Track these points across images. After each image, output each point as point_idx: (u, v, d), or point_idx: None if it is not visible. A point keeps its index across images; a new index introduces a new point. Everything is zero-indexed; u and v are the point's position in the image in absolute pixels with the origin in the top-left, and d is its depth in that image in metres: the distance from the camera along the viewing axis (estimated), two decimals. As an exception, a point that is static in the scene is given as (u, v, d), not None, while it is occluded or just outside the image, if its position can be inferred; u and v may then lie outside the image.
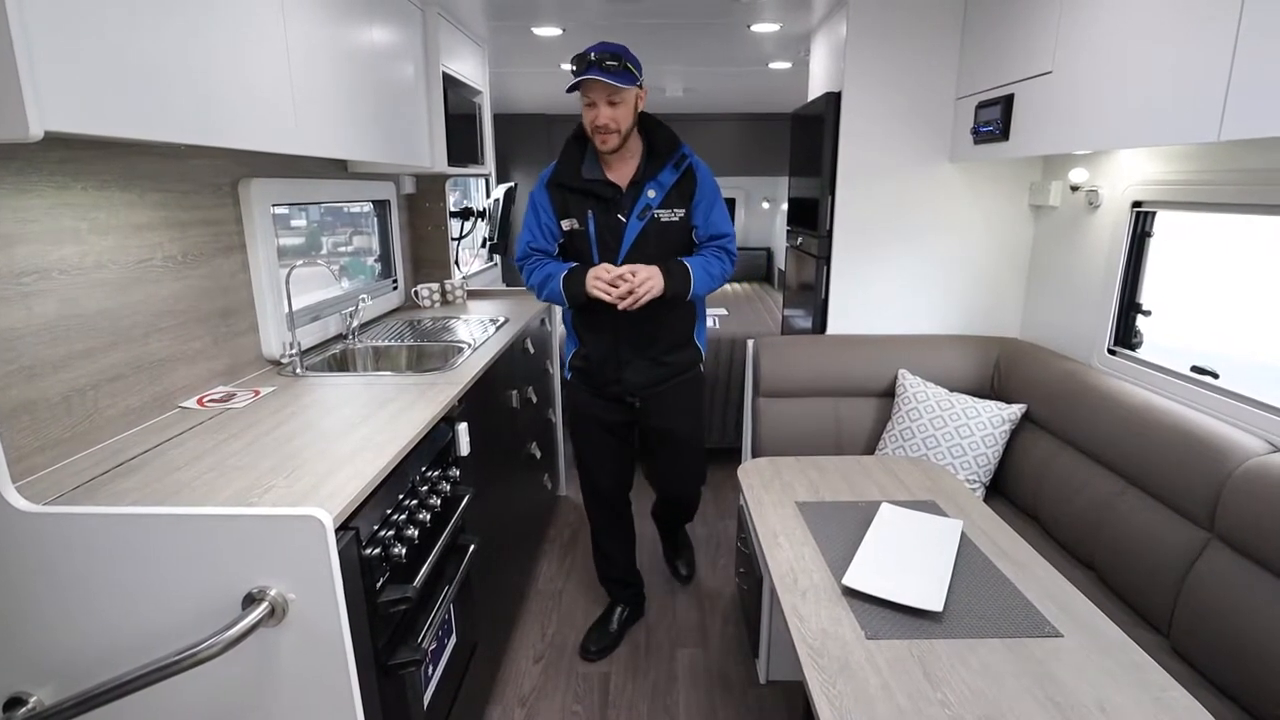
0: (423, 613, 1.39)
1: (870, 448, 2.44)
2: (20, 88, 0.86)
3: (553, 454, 2.98)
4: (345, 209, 2.64)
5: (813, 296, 2.71)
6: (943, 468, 2.00)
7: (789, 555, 1.50)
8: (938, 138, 2.48)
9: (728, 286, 5.22)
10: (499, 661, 2.11)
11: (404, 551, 1.25)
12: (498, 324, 2.47)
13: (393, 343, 2.30)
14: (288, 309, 1.90)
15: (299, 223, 2.42)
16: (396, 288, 2.81)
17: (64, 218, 1.26)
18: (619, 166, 1.88)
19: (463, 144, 2.75)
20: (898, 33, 2.39)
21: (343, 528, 1.09)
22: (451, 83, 2.64)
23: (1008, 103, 2.04)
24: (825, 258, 2.61)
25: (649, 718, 1.94)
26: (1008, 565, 1.45)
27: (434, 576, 1.41)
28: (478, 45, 3.11)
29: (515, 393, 2.32)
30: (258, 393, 1.66)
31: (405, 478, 1.36)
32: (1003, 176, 2.50)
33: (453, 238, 3.18)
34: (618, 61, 1.74)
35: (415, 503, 1.38)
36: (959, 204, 2.53)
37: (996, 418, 2.20)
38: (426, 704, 1.43)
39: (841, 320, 2.65)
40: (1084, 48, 1.70)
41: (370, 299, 2.49)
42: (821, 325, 2.68)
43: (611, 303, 1.80)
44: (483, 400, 1.92)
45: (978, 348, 2.49)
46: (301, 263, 1.96)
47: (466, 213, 3.73)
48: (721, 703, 1.99)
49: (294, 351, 1.89)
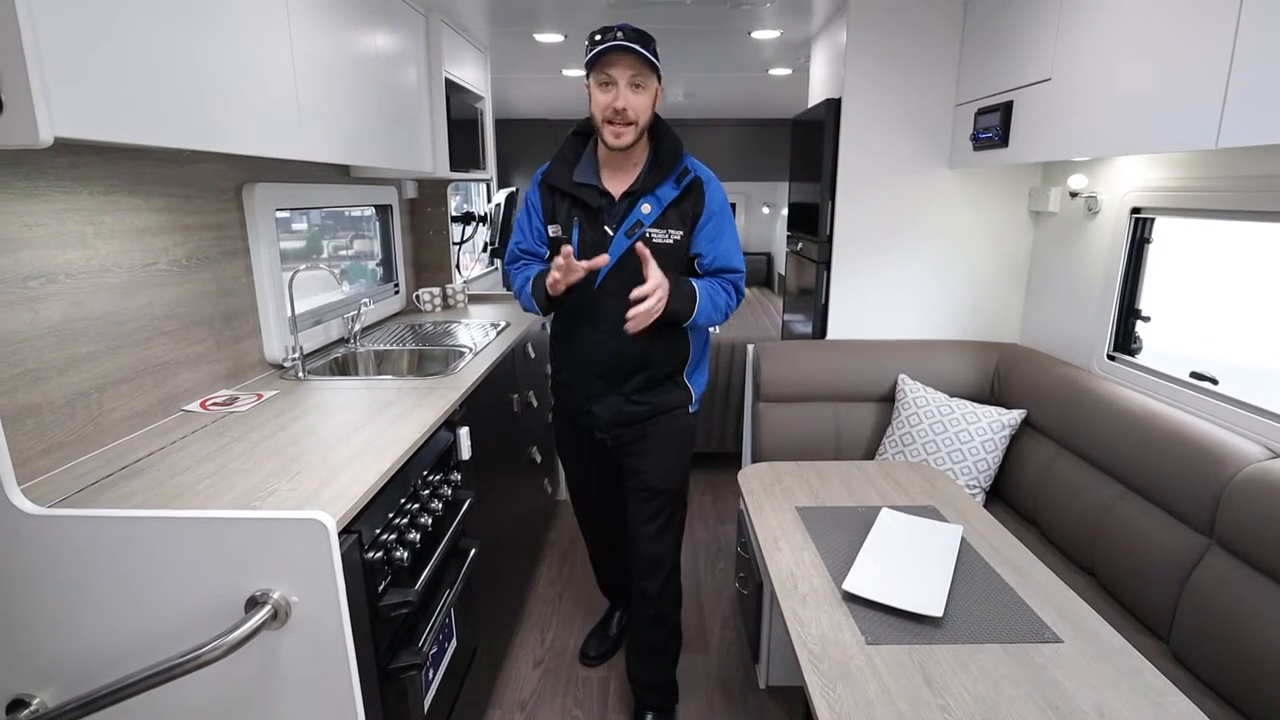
0: (424, 617, 1.40)
1: (870, 453, 2.45)
2: (31, 95, 0.87)
3: (553, 458, 2.98)
4: (347, 213, 2.65)
5: (813, 301, 2.72)
6: (942, 473, 2.00)
7: (789, 560, 1.50)
8: (937, 144, 2.49)
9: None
10: (499, 665, 2.11)
11: (405, 555, 1.26)
12: (499, 328, 2.48)
13: (394, 347, 2.30)
14: (290, 313, 1.91)
15: (300, 226, 2.43)
16: (398, 292, 2.82)
17: (70, 222, 1.27)
18: (618, 172, 1.66)
19: (464, 149, 2.77)
20: (898, 39, 2.41)
21: (345, 531, 1.09)
22: (454, 88, 2.66)
23: (1007, 109, 2.05)
24: (825, 263, 2.62)
25: (649, 722, 1.94)
26: (1008, 570, 1.45)
27: (435, 580, 1.41)
28: (480, 51, 3.12)
29: (516, 397, 2.33)
30: (260, 396, 1.67)
31: (407, 482, 1.37)
32: (1002, 182, 2.51)
33: (454, 242, 3.19)
34: (646, 37, 1.52)
35: (417, 507, 1.39)
36: (959, 210, 2.55)
37: (996, 423, 2.21)
38: (427, 708, 1.43)
39: (841, 325, 2.66)
40: (1083, 55, 1.71)
41: (372, 303, 2.49)
42: (821, 330, 2.69)
43: (567, 286, 1.55)
44: (484, 404, 1.92)
45: (977, 353, 2.50)
46: (304, 266, 1.96)
47: (468, 217, 3.75)
48: (721, 707, 1.98)
49: (296, 355, 1.89)
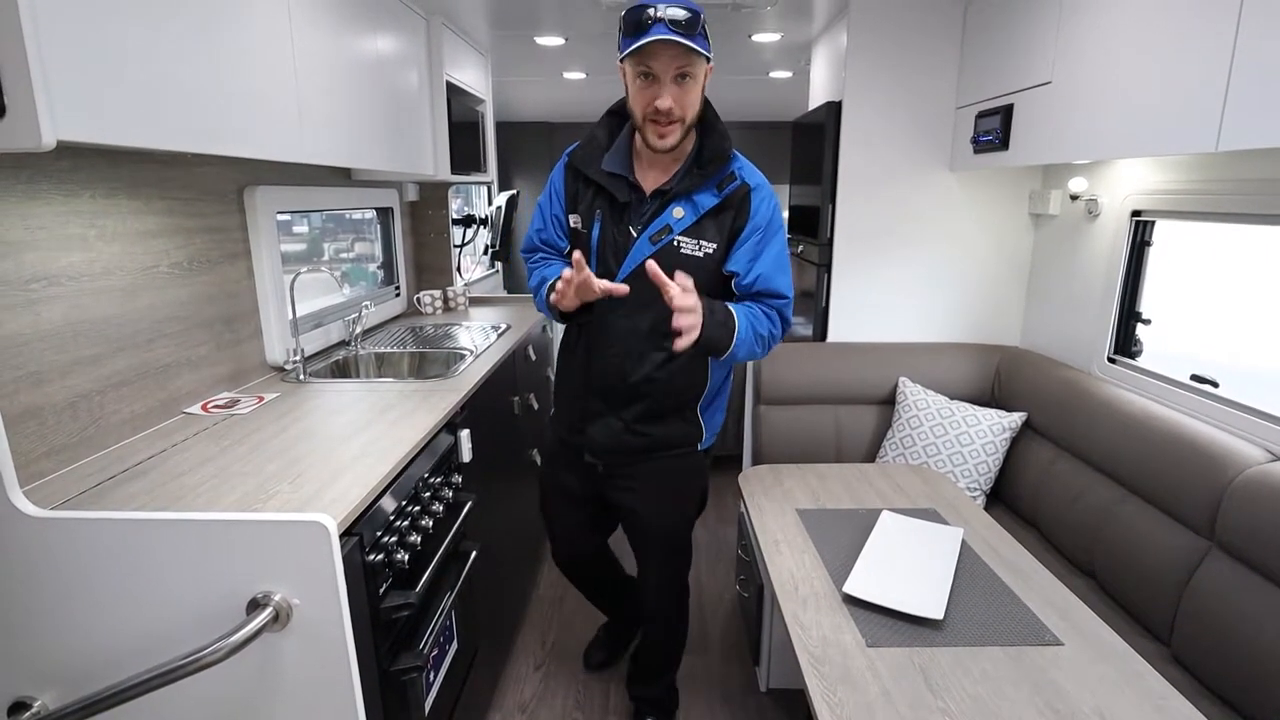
0: (424, 619, 1.40)
1: (871, 455, 2.45)
2: (34, 98, 0.87)
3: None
4: (348, 216, 2.65)
5: (813, 304, 2.72)
6: (943, 475, 2.01)
7: (790, 563, 1.50)
8: (938, 147, 2.49)
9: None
10: (500, 668, 2.11)
11: (406, 558, 1.26)
12: (499, 331, 2.48)
13: (395, 349, 2.30)
14: (291, 315, 1.91)
15: (301, 229, 2.43)
16: (399, 294, 2.82)
17: (72, 225, 1.28)
18: (654, 164, 1.43)
19: (465, 152, 2.77)
20: (898, 43, 2.41)
21: (346, 533, 1.09)
22: (455, 91, 2.66)
23: (1007, 112, 2.05)
24: (826, 265, 2.63)
25: (650, 725, 1.94)
26: (1008, 573, 1.45)
27: (436, 583, 1.41)
28: (481, 54, 3.13)
29: (517, 399, 2.33)
30: (261, 399, 1.67)
31: (408, 484, 1.37)
32: (1002, 185, 2.51)
33: (455, 245, 3.20)
34: (694, 17, 1.23)
35: (418, 509, 1.39)
36: (959, 213, 2.55)
37: (997, 425, 2.21)
38: (428, 710, 1.43)
39: (842, 328, 2.66)
40: (1083, 58, 1.71)
41: (373, 305, 2.49)
42: (822, 333, 2.69)
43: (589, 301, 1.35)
44: (485, 407, 1.92)
45: (978, 356, 2.50)
46: (305, 269, 1.97)
47: (469, 220, 3.75)
48: (722, 710, 1.98)
49: (297, 358, 1.90)
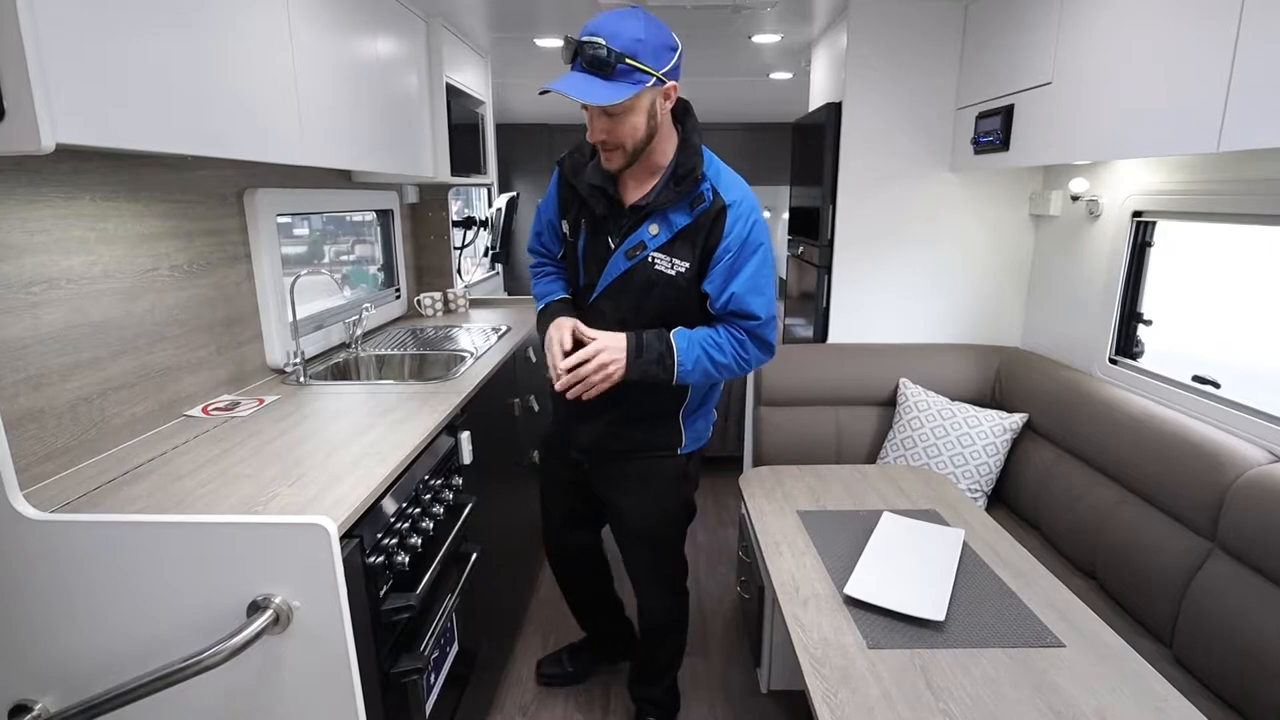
0: (425, 621, 1.39)
1: (871, 456, 2.45)
2: (33, 100, 0.87)
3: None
4: (348, 218, 2.65)
5: (814, 305, 2.72)
6: (944, 477, 2.00)
7: (790, 564, 1.50)
8: (938, 148, 2.49)
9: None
10: (501, 670, 2.11)
11: (407, 560, 1.26)
12: (500, 332, 2.48)
13: (395, 351, 2.30)
14: (292, 318, 1.91)
15: (302, 231, 2.44)
16: (399, 297, 2.82)
17: (73, 228, 1.28)
18: (633, 177, 1.44)
19: (465, 154, 2.77)
20: (898, 44, 2.41)
21: (347, 536, 1.09)
22: (454, 93, 2.66)
23: (1008, 113, 2.05)
24: (826, 267, 2.63)
25: (651, 727, 1.93)
26: (1009, 575, 1.45)
27: (436, 585, 1.41)
28: (480, 56, 3.13)
29: (517, 401, 2.33)
30: (262, 401, 1.67)
31: (408, 486, 1.37)
32: (1003, 186, 2.51)
33: (455, 247, 3.20)
34: (614, 54, 1.22)
35: (418, 511, 1.39)
36: (959, 214, 2.55)
37: (998, 427, 2.20)
38: (428, 712, 1.43)
39: (842, 329, 2.66)
40: (1084, 58, 1.71)
41: (373, 308, 2.50)
42: (822, 334, 2.69)
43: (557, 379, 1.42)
44: (485, 409, 1.92)
45: (979, 357, 2.50)
46: (306, 272, 1.97)
47: (469, 222, 3.76)
48: (723, 712, 1.98)
49: (298, 360, 1.90)
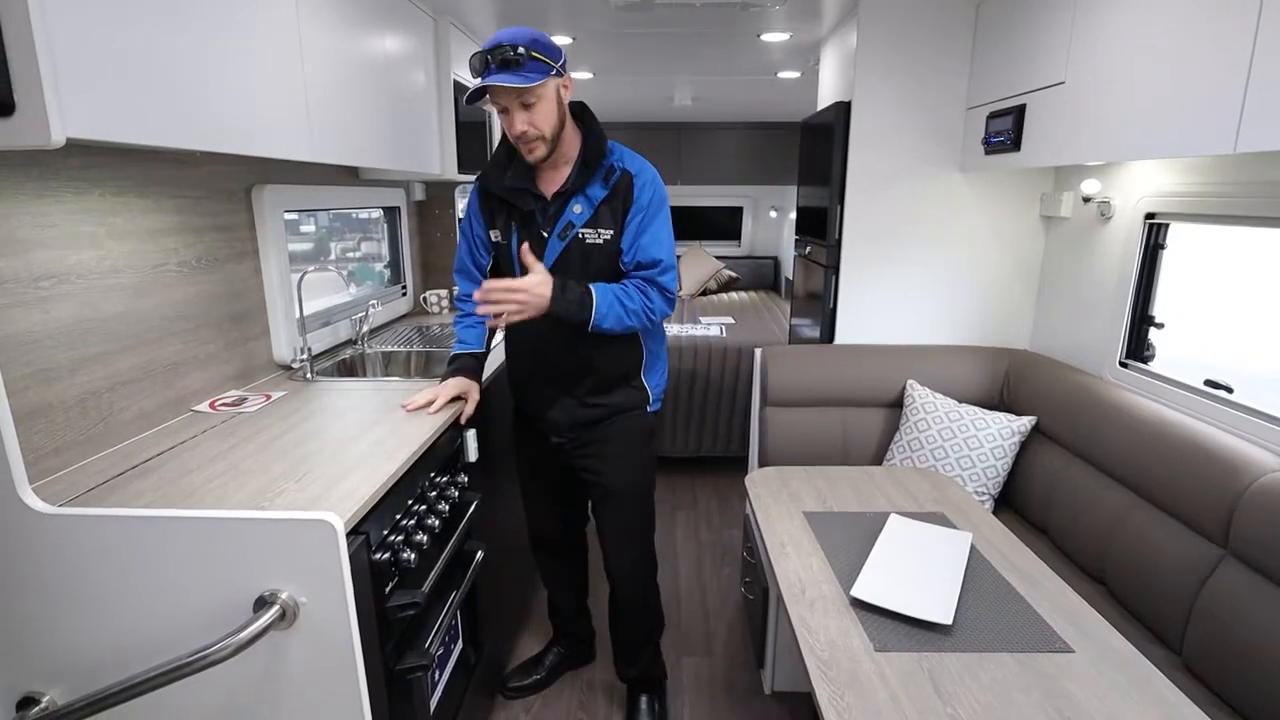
0: (430, 617, 1.40)
1: (878, 458, 2.43)
2: (44, 95, 0.87)
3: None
4: (355, 215, 2.66)
5: (821, 306, 2.71)
6: (951, 479, 1.99)
7: (796, 565, 1.49)
8: (948, 147, 2.48)
9: (735, 295, 5.20)
10: (505, 667, 2.11)
11: (413, 557, 1.26)
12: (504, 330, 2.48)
13: (402, 348, 2.31)
14: (299, 314, 1.92)
15: (309, 228, 2.44)
16: (406, 294, 2.83)
17: (82, 223, 1.28)
18: (550, 173, 1.61)
19: (472, 151, 2.77)
20: (908, 42, 2.40)
21: (353, 532, 1.09)
22: (462, 90, 2.66)
23: (1019, 113, 2.04)
24: (834, 267, 2.61)
25: (654, 727, 1.93)
26: (1017, 579, 1.44)
27: (442, 582, 1.41)
28: (489, 53, 3.13)
29: (523, 399, 2.32)
30: (269, 397, 1.67)
31: (414, 483, 1.37)
32: (1014, 187, 2.49)
33: (462, 244, 3.20)
34: (520, 52, 1.41)
35: (424, 508, 1.39)
36: (969, 214, 2.53)
37: (1006, 430, 2.19)
38: (433, 708, 1.43)
39: (849, 330, 2.65)
40: (1097, 58, 1.70)
41: (380, 305, 2.50)
42: (829, 335, 2.67)
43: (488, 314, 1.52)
44: (490, 406, 1.92)
45: (987, 359, 2.48)
46: (313, 268, 1.97)
47: (476, 219, 3.75)
48: (727, 713, 1.98)
49: (305, 356, 1.90)
